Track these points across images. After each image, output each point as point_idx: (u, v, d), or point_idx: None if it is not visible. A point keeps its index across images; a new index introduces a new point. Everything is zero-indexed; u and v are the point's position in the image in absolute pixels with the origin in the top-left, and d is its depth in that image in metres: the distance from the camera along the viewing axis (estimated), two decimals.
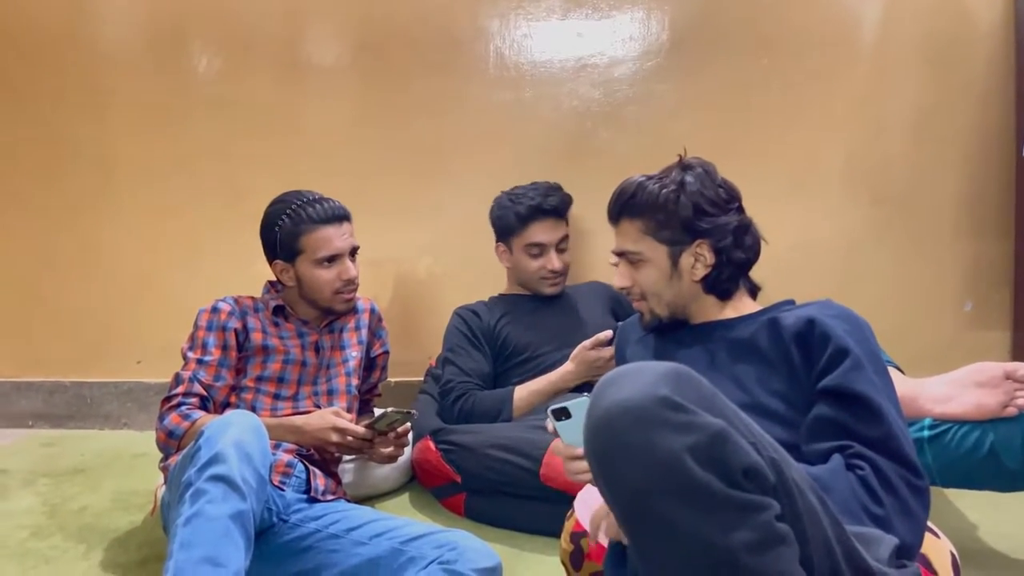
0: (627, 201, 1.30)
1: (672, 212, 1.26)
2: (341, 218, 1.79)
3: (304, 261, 1.76)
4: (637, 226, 1.29)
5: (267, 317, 1.79)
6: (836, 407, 1.08)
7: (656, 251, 1.28)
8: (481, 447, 1.80)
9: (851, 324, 1.15)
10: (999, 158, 2.34)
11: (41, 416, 2.76)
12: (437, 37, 2.52)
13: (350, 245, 1.79)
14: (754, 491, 0.79)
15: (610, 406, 0.80)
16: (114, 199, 2.70)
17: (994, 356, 2.38)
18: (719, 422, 0.79)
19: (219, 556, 1.14)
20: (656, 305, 1.31)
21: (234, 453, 1.22)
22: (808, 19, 2.38)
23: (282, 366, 1.74)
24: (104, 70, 2.67)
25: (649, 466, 0.78)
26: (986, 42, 2.32)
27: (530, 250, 2.06)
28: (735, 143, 2.42)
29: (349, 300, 1.81)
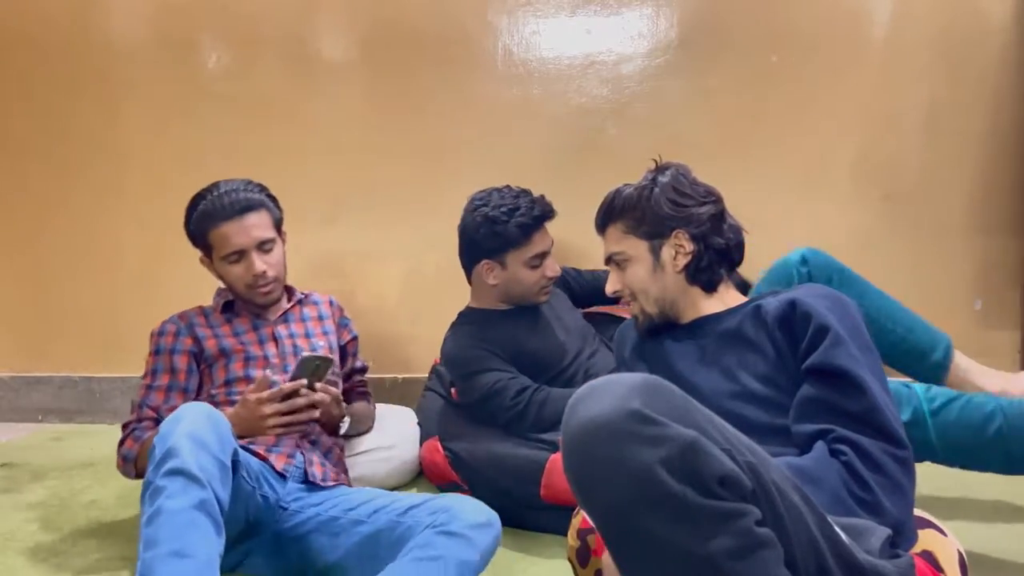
0: (607, 208, 1.36)
1: (647, 207, 1.32)
2: (243, 211, 1.69)
3: (216, 258, 1.73)
4: (619, 228, 1.35)
5: (218, 318, 1.77)
6: (819, 385, 1.10)
7: (638, 248, 1.33)
8: (480, 466, 1.80)
9: (832, 301, 1.17)
10: (1010, 156, 2.32)
11: (51, 410, 2.78)
12: (446, 33, 2.53)
13: (255, 239, 1.69)
14: (731, 498, 0.79)
15: (583, 422, 0.81)
16: (125, 194, 2.71)
17: (1003, 355, 2.37)
18: (691, 433, 0.79)
19: (185, 548, 1.14)
20: (646, 303, 1.34)
21: (187, 444, 1.21)
22: (818, 15, 2.37)
23: (244, 365, 1.71)
24: (115, 65, 2.68)
25: (624, 480, 0.78)
26: (998, 38, 2.30)
27: (532, 262, 1.92)
28: (745, 140, 2.41)
29: (267, 293, 1.74)
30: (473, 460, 1.82)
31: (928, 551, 1.10)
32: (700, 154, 2.42)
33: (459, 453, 1.86)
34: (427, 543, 1.26)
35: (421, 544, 1.27)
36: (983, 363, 2.36)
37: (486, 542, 1.30)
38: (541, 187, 2.46)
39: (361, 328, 2.65)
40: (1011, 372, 1.76)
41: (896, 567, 0.93)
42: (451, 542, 1.26)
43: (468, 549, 1.26)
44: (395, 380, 2.61)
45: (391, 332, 2.63)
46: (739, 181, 2.43)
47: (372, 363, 2.65)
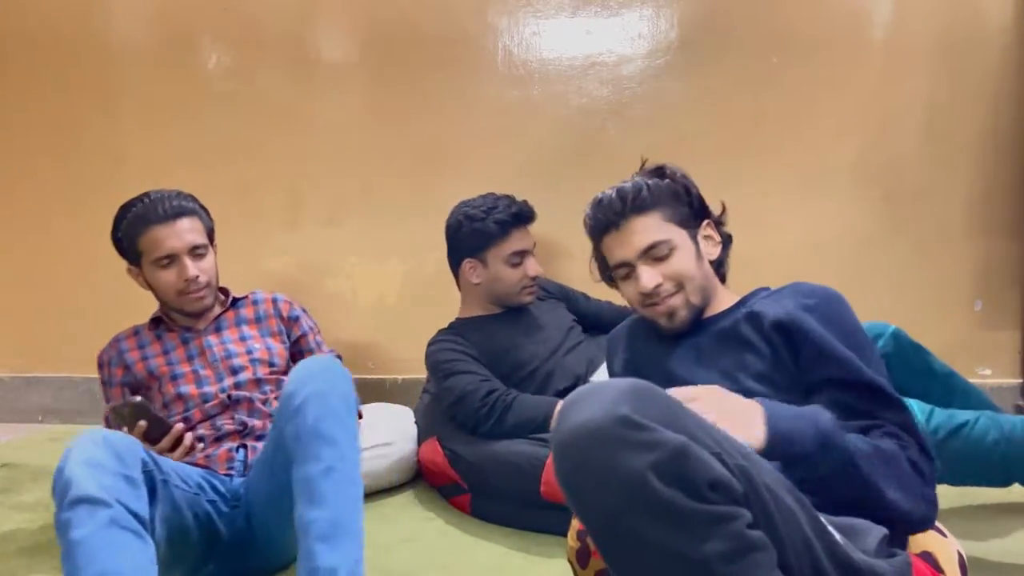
0: (635, 199, 1.28)
1: (682, 197, 1.30)
2: (175, 215, 1.69)
3: (146, 264, 1.71)
4: (657, 217, 1.28)
5: (148, 335, 1.76)
6: (851, 393, 1.11)
7: (681, 235, 1.29)
8: (481, 462, 1.80)
9: (826, 304, 1.18)
10: (1010, 157, 2.32)
11: (50, 411, 2.78)
12: (446, 34, 2.53)
13: (187, 244, 1.69)
14: (722, 502, 0.79)
15: (572, 428, 0.81)
16: (125, 194, 2.67)
17: (1004, 356, 2.37)
18: (680, 438, 0.79)
19: (107, 570, 1.12)
20: (692, 293, 1.28)
21: (82, 471, 1.18)
22: (818, 17, 2.37)
23: (174, 384, 1.69)
24: (116, 66, 2.68)
25: (614, 486, 0.78)
26: (997, 40, 2.30)
27: (512, 260, 1.99)
28: (745, 141, 2.41)
29: (199, 298, 1.72)
30: (473, 457, 1.82)
31: (928, 552, 1.10)
32: (700, 155, 2.43)
33: (459, 452, 1.86)
34: (312, 456, 1.30)
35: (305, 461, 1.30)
36: (985, 364, 2.38)
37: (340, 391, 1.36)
38: (541, 188, 2.47)
39: (361, 329, 2.67)
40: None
41: (892, 566, 0.93)
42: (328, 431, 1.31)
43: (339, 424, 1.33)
44: (395, 381, 2.61)
45: (391, 333, 2.63)
46: (740, 182, 2.44)
47: (373, 364, 2.66)
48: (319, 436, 1.31)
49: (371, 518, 1.85)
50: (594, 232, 1.33)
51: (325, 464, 1.29)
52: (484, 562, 1.61)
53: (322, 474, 1.28)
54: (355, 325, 2.65)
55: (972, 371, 2.39)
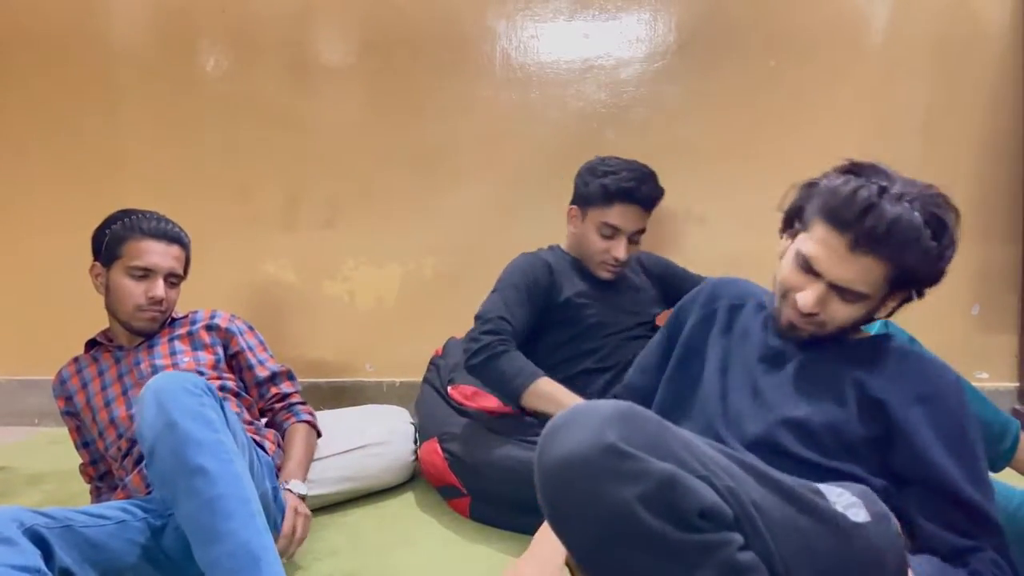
0: (896, 248, 1.07)
1: (932, 271, 1.12)
2: (172, 239, 1.75)
3: (118, 268, 1.72)
4: (884, 270, 1.09)
5: (86, 359, 1.78)
6: (946, 504, 1.05)
7: (878, 296, 1.13)
8: (478, 466, 1.79)
9: (943, 398, 1.11)
10: (1008, 161, 2.33)
11: (47, 414, 2.77)
12: (444, 38, 2.53)
13: (169, 267, 1.73)
14: (712, 530, 0.77)
15: (557, 457, 0.79)
16: (122, 197, 2.69)
17: (1001, 360, 2.38)
18: (667, 467, 0.77)
19: None
20: (825, 331, 1.17)
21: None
22: (816, 21, 2.38)
23: (107, 410, 1.68)
24: (113, 69, 2.68)
25: (601, 518, 0.77)
26: (995, 44, 2.31)
27: (603, 230, 1.92)
28: (742, 145, 2.42)
29: (150, 320, 1.73)
30: (471, 460, 1.82)
31: None
32: (698, 158, 2.44)
33: (458, 454, 1.86)
34: (186, 494, 1.22)
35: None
36: (982, 368, 2.38)
37: None
38: (539, 191, 2.47)
39: (358, 331, 2.66)
40: None
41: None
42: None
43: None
44: (392, 384, 2.61)
45: (389, 335, 2.63)
46: (737, 185, 2.44)
47: (371, 367, 2.66)
48: (186, 470, 1.21)
49: (369, 519, 1.86)
50: (829, 217, 1.11)
51: (203, 497, 1.20)
52: (482, 566, 1.61)
53: (204, 508, 1.19)
54: (353, 328, 2.65)
55: (969, 375, 2.39)
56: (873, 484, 1.06)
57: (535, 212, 2.48)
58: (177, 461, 1.22)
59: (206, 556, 1.18)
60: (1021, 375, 2.35)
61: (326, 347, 2.64)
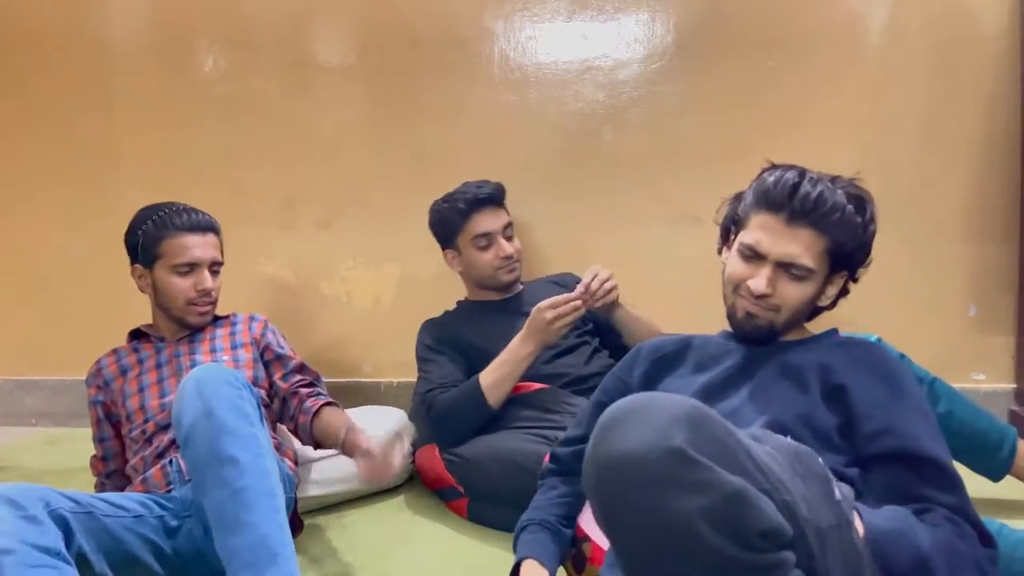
0: (827, 214, 1.17)
1: (859, 246, 1.20)
2: (206, 229, 1.78)
3: (162, 267, 1.74)
4: (823, 244, 1.18)
5: (126, 349, 1.80)
6: (904, 470, 1.06)
7: (822, 271, 1.21)
8: (481, 460, 1.79)
9: (894, 372, 1.14)
10: (1004, 163, 2.33)
11: (45, 414, 2.77)
12: (442, 38, 2.53)
13: (211, 257, 1.77)
14: (770, 550, 0.74)
15: (618, 455, 0.74)
16: (120, 197, 2.71)
17: (998, 361, 2.38)
18: (736, 480, 0.73)
19: None
20: (783, 320, 1.23)
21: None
22: (814, 22, 2.38)
23: (138, 397, 1.70)
24: (111, 69, 2.68)
25: (659, 527, 0.73)
26: (993, 46, 2.31)
27: (478, 242, 2.05)
28: (740, 146, 2.42)
29: (203, 313, 1.78)
30: (473, 454, 1.81)
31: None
32: (696, 159, 2.44)
33: (459, 452, 1.85)
34: (215, 482, 1.25)
35: None
36: (979, 369, 2.38)
37: None
38: (537, 192, 2.48)
39: (356, 332, 2.66)
40: None
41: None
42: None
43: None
44: (390, 384, 2.61)
45: (386, 336, 2.63)
46: (735, 186, 2.43)
47: (368, 368, 2.66)
48: (217, 459, 1.24)
49: (366, 521, 1.86)
50: (762, 202, 1.22)
51: (231, 488, 1.22)
52: (479, 566, 1.61)
53: (230, 498, 1.21)
54: (350, 328, 2.65)
55: (966, 376, 2.40)
56: (850, 476, 1.08)
57: (533, 213, 2.48)
58: (210, 449, 1.24)
59: (226, 545, 1.20)
60: (1018, 376, 2.35)
61: (323, 347, 2.64)
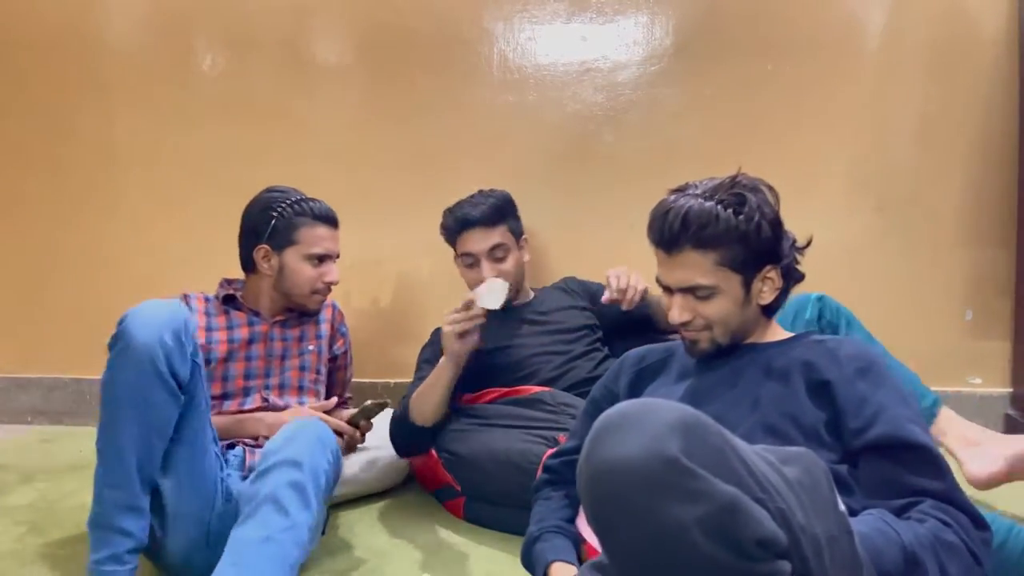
0: (698, 232, 1.16)
1: (754, 241, 1.18)
2: (336, 223, 1.86)
3: (294, 253, 1.78)
4: (711, 258, 1.18)
5: (216, 307, 1.80)
6: (890, 461, 1.06)
7: (730, 281, 1.20)
8: (478, 459, 1.79)
9: (875, 365, 1.15)
10: (1001, 168, 2.34)
11: (40, 412, 2.77)
12: (442, 39, 2.53)
13: (337, 251, 1.85)
14: (765, 559, 0.74)
15: (612, 462, 0.74)
16: (117, 195, 2.71)
17: (994, 365, 2.39)
18: (730, 491, 0.73)
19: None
20: (721, 335, 1.23)
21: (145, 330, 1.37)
22: (812, 25, 2.38)
23: (224, 365, 1.73)
24: (110, 66, 2.67)
25: (652, 535, 0.72)
26: (990, 49, 2.32)
27: (465, 260, 2.02)
28: (738, 148, 2.42)
29: (321, 302, 1.85)
30: (469, 453, 1.81)
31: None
32: (694, 162, 2.44)
33: (456, 451, 1.85)
34: (258, 520, 1.27)
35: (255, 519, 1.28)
36: (974, 373, 2.39)
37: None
38: (536, 193, 2.47)
39: (354, 332, 2.64)
40: (997, 431, 1.70)
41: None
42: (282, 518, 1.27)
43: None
44: (387, 384, 2.60)
45: (384, 336, 2.62)
46: None
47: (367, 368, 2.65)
48: (274, 502, 1.28)
49: (363, 522, 1.86)
50: (650, 239, 1.24)
51: (266, 533, 1.25)
52: (476, 566, 1.61)
53: (259, 542, 1.24)
54: (348, 328, 2.64)
55: (962, 380, 2.40)
56: (839, 472, 1.08)
57: (531, 214, 2.47)
58: (276, 492, 1.29)
59: (224, 573, 1.22)
60: (1014, 380, 2.36)
61: None
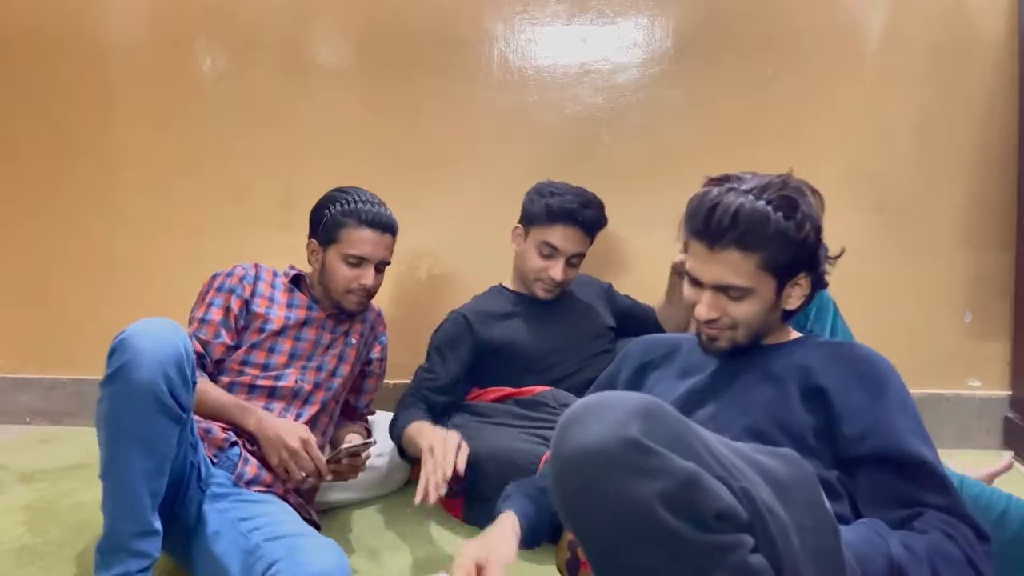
0: (746, 232, 1.13)
1: (799, 249, 1.15)
2: (385, 228, 1.81)
3: (335, 251, 1.79)
4: (753, 261, 1.14)
5: (284, 284, 1.83)
6: (891, 473, 1.06)
7: (765, 285, 1.17)
8: (478, 459, 1.79)
9: (878, 371, 1.14)
10: (1001, 170, 2.34)
11: (39, 412, 2.77)
12: (442, 40, 2.53)
13: (381, 257, 1.81)
14: (727, 531, 0.77)
15: (577, 450, 0.77)
16: (116, 196, 2.71)
17: (993, 368, 2.39)
18: (689, 466, 0.76)
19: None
20: (743, 336, 1.22)
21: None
22: (813, 28, 2.38)
23: (274, 338, 1.75)
24: (109, 67, 2.67)
25: (619, 514, 0.75)
26: (990, 52, 2.32)
27: (543, 249, 1.99)
28: (738, 150, 2.42)
29: (358, 304, 1.82)
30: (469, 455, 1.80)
31: None
32: (693, 164, 2.43)
33: None
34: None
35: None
36: (974, 376, 2.39)
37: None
38: None
39: None
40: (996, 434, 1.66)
41: None
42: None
43: None
44: (386, 386, 2.60)
45: None
46: None
47: None
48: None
49: (361, 521, 1.86)
50: (689, 229, 1.19)
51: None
52: None
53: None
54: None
55: (961, 382, 2.40)
56: (827, 478, 1.08)
57: None
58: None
59: None
60: (1013, 383, 2.36)
61: None
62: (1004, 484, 1.69)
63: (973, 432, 2.37)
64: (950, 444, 2.31)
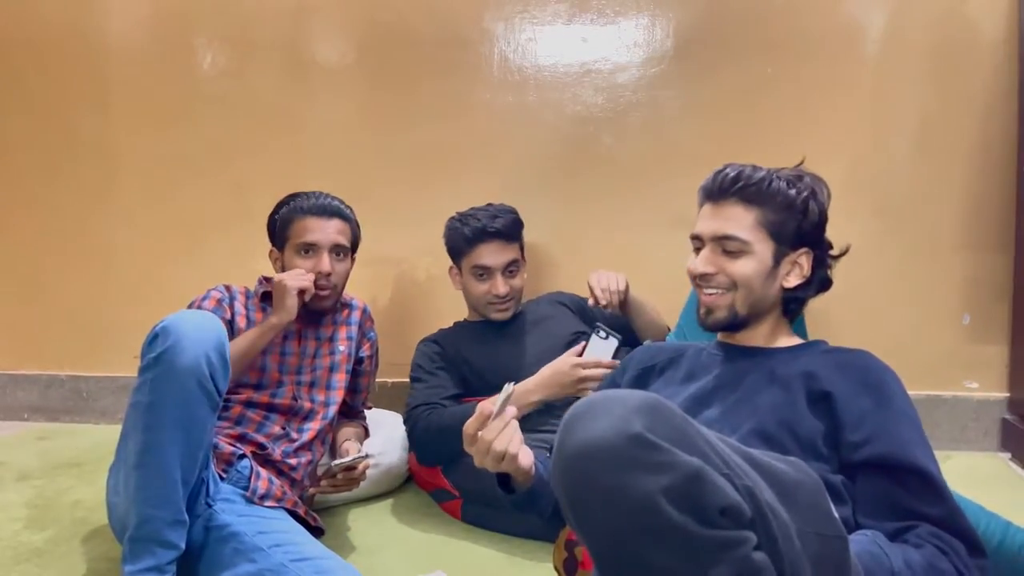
0: (749, 186, 1.21)
1: (798, 215, 1.22)
2: (331, 214, 1.82)
3: (289, 249, 1.81)
4: (753, 215, 1.21)
5: (255, 304, 1.81)
6: (888, 481, 1.06)
7: (763, 245, 1.22)
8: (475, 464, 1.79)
9: (883, 381, 1.14)
10: (999, 172, 2.34)
11: (37, 409, 2.76)
12: (442, 39, 2.53)
13: (331, 241, 1.80)
14: (731, 527, 0.77)
15: (581, 446, 0.77)
16: (116, 194, 2.70)
17: (991, 369, 2.39)
18: (694, 461, 0.76)
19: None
20: (741, 300, 1.23)
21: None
22: (813, 28, 2.38)
23: (261, 357, 1.73)
24: (109, 66, 2.67)
25: (623, 509, 0.75)
26: (990, 54, 2.32)
27: (476, 272, 1.99)
28: (737, 151, 2.39)
29: (322, 297, 1.79)
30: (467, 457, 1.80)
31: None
32: (693, 164, 2.42)
33: None
34: None
35: None
36: (972, 378, 2.39)
37: None
38: (534, 194, 2.47)
39: None
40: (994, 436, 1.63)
41: None
42: None
43: None
44: (385, 385, 2.60)
45: (384, 336, 2.60)
46: None
47: None
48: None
49: (360, 521, 1.86)
50: (700, 194, 1.27)
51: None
52: (471, 566, 1.61)
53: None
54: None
55: (959, 384, 2.40)
56: (833, 482, 1.08)
57: (530, 215, 2.47)
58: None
59: None
60: (1012, 385, 2.36)
61: None
62: (1005, 484, 1.70)
63: (970, 434, 2.37)
64: (947, 446, 2.31)
